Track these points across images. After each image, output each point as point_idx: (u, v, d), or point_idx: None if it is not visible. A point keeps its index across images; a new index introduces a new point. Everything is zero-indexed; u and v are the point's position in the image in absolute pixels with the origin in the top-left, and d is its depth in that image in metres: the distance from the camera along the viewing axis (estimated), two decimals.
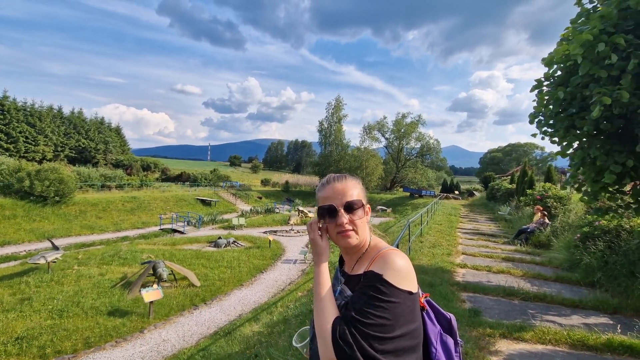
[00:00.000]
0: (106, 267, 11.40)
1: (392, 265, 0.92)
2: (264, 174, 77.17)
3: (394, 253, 0.96)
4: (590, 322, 3.89)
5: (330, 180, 1.09)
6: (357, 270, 1.04)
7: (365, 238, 1.05)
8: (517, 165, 43.84)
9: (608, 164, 4.33)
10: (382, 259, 0.96)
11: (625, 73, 3.83)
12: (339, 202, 1.02)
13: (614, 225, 5.62)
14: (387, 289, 0.88)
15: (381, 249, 1.00)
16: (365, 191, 1.12)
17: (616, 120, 4.24)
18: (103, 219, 21.53)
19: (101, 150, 44.38)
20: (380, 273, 0.91)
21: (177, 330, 7.56)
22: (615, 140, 4.53)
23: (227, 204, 32.59)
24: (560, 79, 4.88)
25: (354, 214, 1.02)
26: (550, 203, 10.60)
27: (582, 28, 4.34)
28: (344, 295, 1.01)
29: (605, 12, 4.02)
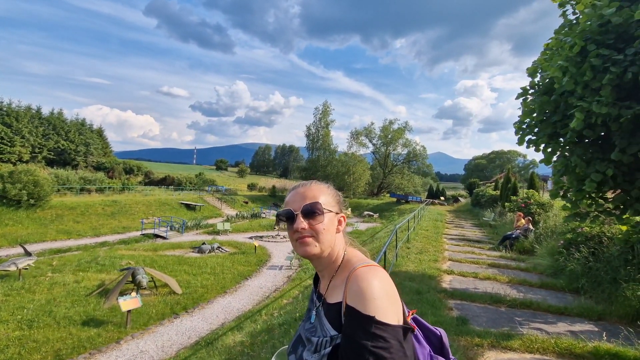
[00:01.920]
0: (82, 274, 10.91)
1: (371, 294, 0.78)
2: (250, 178, 76.46)
3: (368, 273, 0.83)
4: (576, 329, 3.88)
5: (296, 186, 1.00)
6: (332, 293, 0.91)
7: (330, 249, 0.93)
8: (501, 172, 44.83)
9: (589, 172, 4.39)
10: (356, 284, 0.81)
11: (604, 85, 3.90)
12: (298, 205, 0.92)
13: (596, 232, 5.70)
14: (383, 331, 0.74)
15: (354, 267, 0.87)
16: (340, 199, 1.01)
17: (597, 128, 4.30)
18: (81, 224, 20.76)
19: (82, 153, 43.04)
20: (368, 314, 0.76)
21: (156, 340, 7.24)
22: (597, 148, 4.60)
23: (212, 209, 32.03)
24: (545, 87, 4.94)
25: (313, 219, 0.90)
26: (533, 209, 10.77)
27: (565, 39, 4.42)
28: (323, 328, 0.86)
29: (585, 26, 4.10)
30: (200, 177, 49.52)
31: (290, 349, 0.96)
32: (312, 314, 0.95)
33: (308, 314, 0.99)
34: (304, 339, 0.92)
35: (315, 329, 0.90)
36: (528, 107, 5.17)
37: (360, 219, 29.39)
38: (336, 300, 0.87)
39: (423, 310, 4.19)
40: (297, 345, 0.93)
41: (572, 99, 4.27)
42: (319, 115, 48.79)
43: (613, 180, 4.34)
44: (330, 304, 0.88)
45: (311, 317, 0.95)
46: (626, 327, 3.76)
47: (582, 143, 4.75)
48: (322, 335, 0.85)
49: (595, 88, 3.99)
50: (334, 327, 0.83)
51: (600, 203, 4.90)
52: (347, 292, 0.82)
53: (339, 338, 0.81)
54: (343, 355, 0.77)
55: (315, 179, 1.02)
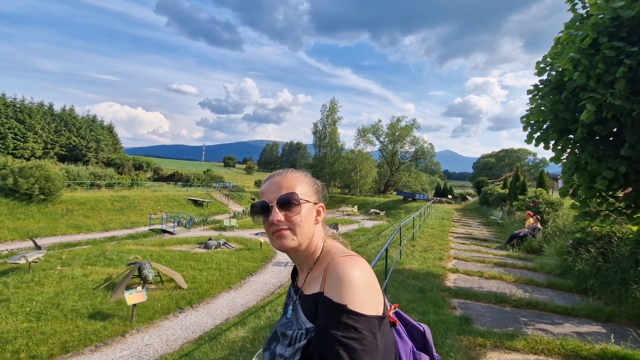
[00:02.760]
0: (91, 268, 11.08)
1: (349, 283, 0.73)
2: (258, 175, 76.81)
3: (347, 263, 0.78)
4: (583, 330, 3.79)
5: (271, 175, 0.95)
6: (310, 286, 0.87)
7: (308, 240, 0.88)
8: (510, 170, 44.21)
9: (600, 170, 4.26)
10: (334, 273, 0.77)
11: (618, 78, 3.77)
12: (273, 196, 0.87)
13: (606, 232, 5.55)
14: (355, 321, 0.70)
15: (333, 257, 0.83)
16: (318, 188, 0.96)
17: (609, 123, 4.17)
18: (91, 219, 21.09)
19: (92, 149, 43.69)
20: (340, 302, 0.72)
21: (161, 334, 7.31)
22: (608, 145, 4.46)
23: (220, 205, 32.24)
24: (555, 83, 4.81)
25: (290, 211, 0.85)
26: (542, 208, 10.57)
27: (576, 33, 4.28)
28: (299, 321, 0.83)
29: (597, 19, 3.97)
30: (208, 174, 49.88)
31: (265, 345, 0.92)
32: (289, 309, 0.91)
33: (285, 310, 0.96)
34: (279, 334, 0.88)
35: (291, 324, 0.86)
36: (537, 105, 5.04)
37: (366, 217, 29.30)
38: (313, 291, 0.83)
39: (425, 308, 4.13)
40: (271, 341, 0.90)
41: (584, 94, 4.14)
42: (326, 113, 48.67)
43: (624, 178, 4.21)
44: (307, 296, 0.85)
45: (287, 312, 0.91)
46: (635, 330, 3.65)
47: (592, 140, 4.62)
48: (297, 329, 0.81)
49: (608, 82, 3.85)
50: (310, 319, 0.80)
51: (610, 202, 4.76)
52: (325, 283, 0.78)
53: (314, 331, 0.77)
54: (313, 346, 0.73)
55: (293, 168, 0.97)
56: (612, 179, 4.22)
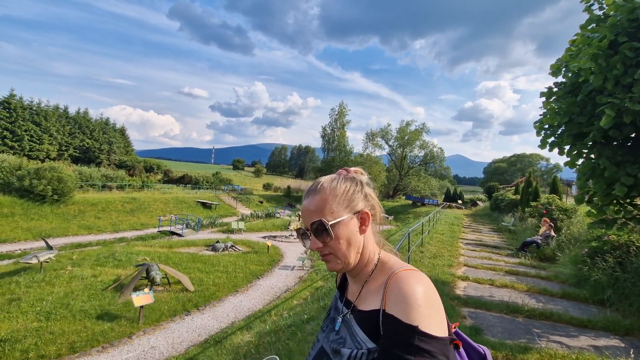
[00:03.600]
0: (100, 269, 11.20)
1: (415, 301, 0.68)
2: (266, 178, 77.13)
3: (410, 278, 0.73)
4: (600, 344, 3.62)
5: (306, 193, 0.88)
6: (365, 300, 0.81)
7: (356, 257, 0.82)
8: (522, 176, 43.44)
9: (619, 176, 4.11)
10: (397, 289, 0.71)
11: (637, 81, 3.64)
12: (307, 223, 0.82)
13: (624, 241, 5.35)
14: (428, 344, 0.65)
15: (393, 271, 0.78)
16: (352, 194, 0.84)
17: (627, 128, 4.03)
18: (102, 220, 21.41)
19: (105, 151, 44.51)
20: (410, 323, 0.66)
21: (167, 336, 7.31)
22: (627, 150, 4.30)
23: (228, 208, 32.42)
24: (571, 85, 4.67)
25: (324, 238, 0.80)
26: (555, 215, 10.31)
27: (593, 35, 4.15)
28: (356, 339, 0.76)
29: (614, 20, 3.84)
30: (217, 176, 50.28)
31: None
32: (338, 323, 0.85)
33: (331, 323, 0.89)
34: (328, 351, 0.81)
35: (343, 340, 0.79)
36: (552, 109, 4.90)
37: None
38: (372, 307, 0.77)
39: None
40: (321, 358, 0.83)
41: (601, 97, 4.00)
42: (335, 116, 48.69)
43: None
44: (364, 312, 0.78)
45: (336, 325, 0.85)
46: None
47: (610, 144, 4.46)
48: (355, 348, 0.75)
49: (626, 84, 3.72)
50: (371, 338, 0.74)
51: (628, 210, 4.59)
52: (386, 299, 0.73)
53: (377, 351, 0.71)
54: None
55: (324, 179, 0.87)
56: (631, 185, 4.06)
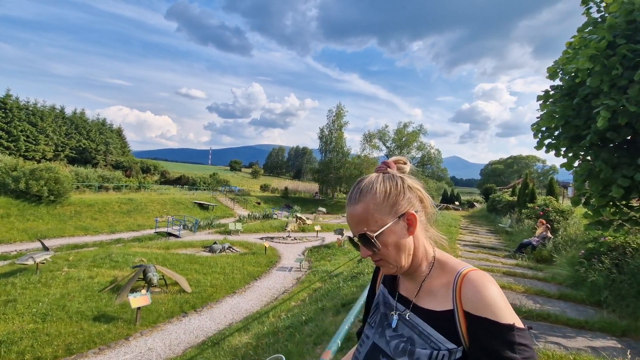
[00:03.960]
0: (97, 270, 11.13)
1: (501, 301, 0.71)
2: (263, 179, 77.02)
3: (484, 278, 0.75)
4: (597, 345, 3.65)
5: (347, 200, 0.86)
6: (428, 298, 0.81)
7: (408, 258, 0.82)
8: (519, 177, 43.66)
9: (615, 177, 4.14)
10: (476, 290, 0.73)
11: (632, 83, 3.68)
12: (354, 232, 0.82)
13: (620, 242, 5.39)
14: (524, 339, 0.69)
15: (459, 270, 0.79)
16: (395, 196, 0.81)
17: (623, 130, 4.07)
18: (98, 221, 21.29)
19: (101, 152, 44.28)
20: (507, 322, 0.69)
21: (164, 338, 7.28)
22: (624, 152, 4.34)
23: (225, 209, 32.35)
24: (568, 88, 4.71)
25: (372, 247, 0.80)
26: (552, 217, 10.37)
27: (590, 37, 4.19)
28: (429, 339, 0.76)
29: (613, 22, 3.88)
30: (214, 178, 50.16)
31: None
32: (394, 320, 0.84)
33: (384, 319, 0.88)
34: (385, 348, 0.81)
35: (409, 339, 0.79)
36: (549, 111, 4.94)
37: None
38: (442, 307, 0.77)
39: None
40: (376, 357, 0.82)
41: (597, 100, 4.04)
42: (333, 118, 48.75)
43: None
44: (434, 312, 0.78)
45: (392, 323, 0.84)
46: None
47: (606, 147, 4.50)
48: (432, 348, 0.74)
49: (622, 86, 3.76)
50: (449, 338, 0.74)
51: (625, 211, 4.62)
52: (461, 299, 0.74)
53: (458, 352, 0.72)
54: None
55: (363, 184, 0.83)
56: (628, 187, 4.09)
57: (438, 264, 0.84)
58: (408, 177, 0.87)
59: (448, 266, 0.82)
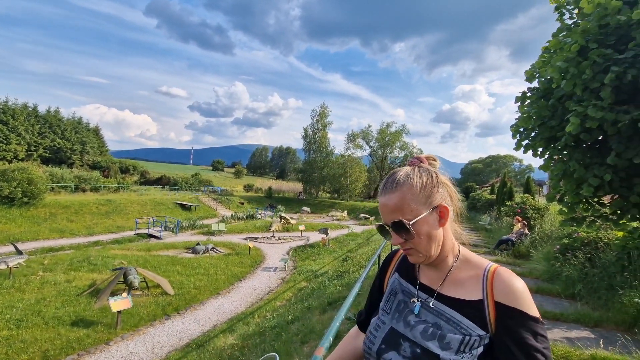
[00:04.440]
0: (74, 274, 10.77)
1: (527, 296, 0.78)
2: (247, 179, 76.25)
3: (512, 275, 0.82)
4: (572, 336, 3.82)
5: (382, 186, 0.88)
6: (454, 288, 0.85)
7: (437, 249, 0.85)
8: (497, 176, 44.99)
9: (587, 177, 4.35)
10: (507, 284, 0.79)
11: (604, 86, 3.87)
12: (387, 220, 0.85)
13: (592, 238, 5.66)
14: (545, 331, 0.77)
15: (487, 266, 0.85)
16: (431, 187, 0.84)
17: (595, 132, 4.27)
18: (75, 223, 20.55)
19: (77, 151, 42.71)
20: (534, 315, 0.77)
21: (147, 342, 7.12)
22: (595, 153, 4.56)
23: (208, 209, 31.86)
24: (543, 91, 4.91)
25: (405, 235, 0.83)
26: (529, 214, 10.75)
27: (565, 40, 4.38)
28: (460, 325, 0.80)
29: (586, 26, 4.06)
30: (197, 178, 49.31)
31: (381, 346, 0.86)
32: (417, 306, 0.87)
33: (403, 306, 0.90)
34: (411, 334, 0.83)
35: (436, 325, 0.82)
36: (526, 112, 5.13)
37: (356, 222, 29.34)
38: (470, 297, 0.82)
39: None
40: (396, 341, 0.84)
41: (570, 103, 4.23)
42: (316, 117, 48.81)
43: (610, 185, 4.31)
44: (462, 300, 0.83)
45: (414, 309, 0.87)
46: (623, 335, 3.70)
47: (580, 147, 4.72)
48: (463, 334, 0.78)
49: (594, 89, 3.94)
50: (479, 325, 0.78)
51: (597, 208, 4.86)
52: (493, 291, 0.80)
53: (486, 338, 0.77)
54: (511, 357, 0.75)
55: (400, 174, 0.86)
56: (598, 186, 4.31)
57: (463, 258, 0.88)
58: (440, 173, 0.91)
59: (473, 261, 0.88)
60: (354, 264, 10.28)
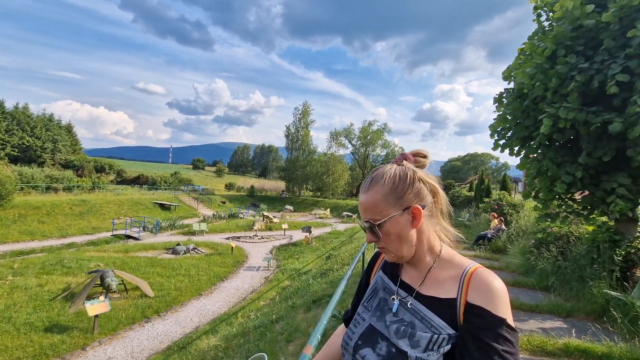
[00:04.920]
0: (46, 278, 10.32)
1: (502, 298, 0.75)
2: (228, 178, 75.20)
3: (491, 275, 0.79)
4: (546, 326, 3.99)
5: (362, 185, 0.89)
6: (433, 287, 0.84)
7: (411, 249, 0.85)
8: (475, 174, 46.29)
9: (559, 175, 4.56)
10: (483, 284, 0.77)
11: (571, 91, 4.06)
12: (364, 217, 0.86)
13: (565, 232, 5.91)
14: (512, 336, 0.73)
15: (467, 266, 0.83)
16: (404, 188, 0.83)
17: (567, 132, 4.47)
18: (46, 224, 19.68)
19: (49, 150, 40.89)
20: (500, 316, 0.74)
21: (125, 346, 6.92)
22: (567, 152, 4.78)
23: (188, 209, 31.22)
24: (518, 92, 5.09)
25: (376, 235, 0.84)
26: (506, 210, 11.12)
27: (538, 44, 4.56)
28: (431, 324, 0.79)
29: (558, 31, 4.23)
30: (176, 177, 48.22)
31: (358, 341, 0.86)
32: (395, 304, 0.86)
33: (383, 304, 0.89)
34: (387, 332, 0.82)
35: (410, 323, 0.81)
36: (503, 113, 5.31)
37: (339, 220, 29.49)
38: (446, 295, 0.81)
39: None
40: (373, 338, 0.84)
41: (543, 104, 4.40)
42: (299, 116, 48.66)
43: (581, 182, 4.52)
44: (437, 299, 0.82)
45: (392, 307, 0.86)
46: (593, 324, 3.90)
47: (553, 146, 4.93)
48: (432, 332, 0.77)
49: (563, 94, 4.12)
50: (450, 324, 0.77)
51: (569, 204, 5.10)
52: (468, 290, 0.78)
53: (455, 337, 0.76)
54: (466, 355, 0.72)
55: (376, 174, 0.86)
56: (570, 183, 4.52)
57: (444, 257, 0.87)
58: (422, 171, 0.89)
59: (455, 261, 0.86)
60: (337, 261, 10.34)
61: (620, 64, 3.69)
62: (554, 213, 5.18)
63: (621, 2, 3.65)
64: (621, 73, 3.66)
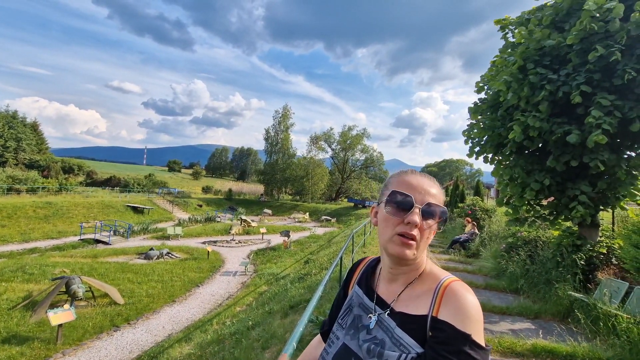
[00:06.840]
0: (5, 285, 9.69)
1: (470, 313, 0.71)
2: (206, 180, 73.61)
3: (464, 289, 0.75)
4: (516, 327, 4.13)
5: (413, 171, 0.86)
6: (408, 303, 0.80)
7: (422, 258, 0.83)
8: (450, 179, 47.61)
9: (529, 182, 4.78)
10: (455, 299, 0.73)
11: (541, 101, 4.28)
12: (420, 198, 0.78)
13: (533, 236, 6.17)
14: (476, 353, 0.68)
15: (442, 279, 0.79)
16: None
17: (536, 140, 4.70)
18: (7, 228, 18.52)
19: (11, 148, 38.62)
20: (464, 331, 0.69)
21: (92, 356, 6.58)
22: (536, 159, 5.01)
23: (163, 212, 30.29)
24: (492, 101, 5.30)
25: (430, 225, 0.79)
26: (479, 215, 11.48)
27: (509, 58, 4.79)
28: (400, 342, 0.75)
29: (523, 49, 4.49)
30: (150, 179, 46.78)
31: None
32: (372, 322, 0.82)
33: (357, 321, 0.85)
34: (357, 350, 0.79)
35: (381, 342, 0.77)
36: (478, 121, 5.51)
37: (318, 224, 29.48)
38: (419, 312, 0.77)
39: None
40: (346, 358, 0.80)
41: (517, 113, 4.61)
42: (279, 119, 48.47)
43: (548, 189, 4.76)
44: (410, 316, 0.77)
45: (369, 324, 0.82)
46: (559, 325, 4.08)
47: (523, 154, 5.16)
48: (401, 352, 0.73)
49: (534, 103, 4.33)
50: (419, 342, 0.73)
51: (537, 209, 5.34)
52: (440, 307, 0.74)
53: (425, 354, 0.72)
54: None
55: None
56: (539, 190, 4.75)
57: (426, 272, 0.84)
58: None
59: (432, 273, 0.83)
60: (315, 266, 10.30)
61: (584, 75, 3.93)
62: (523, 218, 5.41)
63: (579, 27, 3.90)
64: (585, 84, 3.90)
